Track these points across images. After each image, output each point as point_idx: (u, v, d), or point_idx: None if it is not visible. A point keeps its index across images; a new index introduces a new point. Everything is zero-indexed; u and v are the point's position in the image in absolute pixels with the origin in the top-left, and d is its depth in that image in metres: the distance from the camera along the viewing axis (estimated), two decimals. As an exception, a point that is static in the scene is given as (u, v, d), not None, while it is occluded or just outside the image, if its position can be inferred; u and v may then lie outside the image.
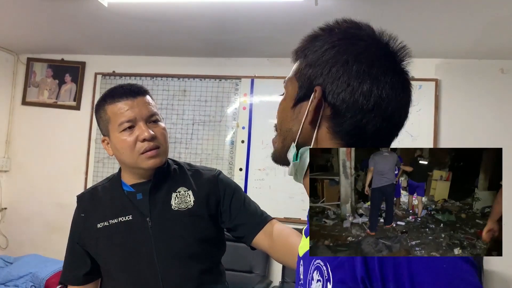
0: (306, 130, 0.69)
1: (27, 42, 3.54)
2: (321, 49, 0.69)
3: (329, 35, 0.70)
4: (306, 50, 0.72)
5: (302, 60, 0.71)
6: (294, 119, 0.70)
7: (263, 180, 3.37)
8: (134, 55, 3.67)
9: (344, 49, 0.67)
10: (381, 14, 2.44)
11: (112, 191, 1.30)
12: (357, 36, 0.69)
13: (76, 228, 1.31)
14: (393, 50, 0.68)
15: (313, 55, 0.70)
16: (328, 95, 0.66)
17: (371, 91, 0.65)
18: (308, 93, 0.68)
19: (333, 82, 0.66)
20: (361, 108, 0.65)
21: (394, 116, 0.67)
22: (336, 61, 0.67)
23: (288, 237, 1.21)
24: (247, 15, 2.58)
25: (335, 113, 0.66)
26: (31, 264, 3.25)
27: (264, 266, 3.24)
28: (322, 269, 0.62)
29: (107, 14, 2.65)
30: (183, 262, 1.21)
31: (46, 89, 3.83)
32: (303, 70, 0.70)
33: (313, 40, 0.72)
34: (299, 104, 0.70)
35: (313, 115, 0.67)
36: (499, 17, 2.39)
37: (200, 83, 3.56)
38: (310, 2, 2.22)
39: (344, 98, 0.65)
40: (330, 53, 0.68)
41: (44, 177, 3.77)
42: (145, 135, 1.19)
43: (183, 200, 1.25)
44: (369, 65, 0.66)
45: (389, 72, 0.67)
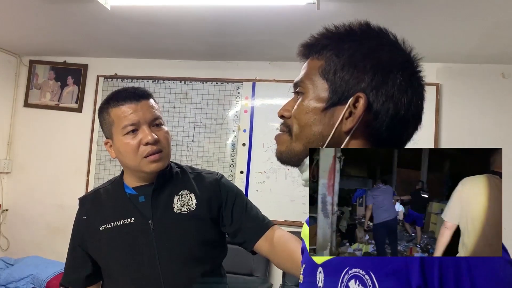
0: (338, 136, 0.67)
1: (30, 44, 3.56)
2: (357, 52, 0.67)
3: (362, 38, 0.69)
4: (333, 49, 0.69)
5: (332, 59, 0.68)
6: (324, 123, 0.68)
7: (264, 183, 3.37)
8: (136, 57, 3.68)
9: (387, 57, 0.67)
10: (383, 18, 2.44)
11: (115, 193, 1.30)
12: (393, 44, 0.70)
13: (78, 230, 1.31)
14: (415, 60, 0.70)
15: (348, 57, 0.67)
16: (372, 104, 0.65)
17: (411, 102, 0.67)
18: (343, 98, 0.66)
19: (378, 91, 0.65)
20: (401, 119, 0.66)
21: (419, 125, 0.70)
22: (379, 69, 0.66)
23: (287, 243, 1.22)
24: (249, 18, 2.59)
25: (375, 122, 0.65)
26: (32, 266, 3.25)
27: (265, 269, 3.24)
28: (363, 278, 0.58)
29: (109, 17, 2.66)
30: (185, 265, 1.22)
31: (48, 91, 3.84)
32: (337, 71, 0.67)
33: (338, 39, 0.70)
34: (332, 108, 0.67)
35: (354, 123, 0.65)
36: (500, 22, 2.39)
37: (201, 86, 3.57)
38: (312, 6, 2.22)
39: (388, 108, 0.65)
40: (371, 59, 0.66)
41: (45, 179, 3.78)
42: (149, 138, 1.19)
43: (185, 203, 1.26)
44: (410, 76, 0.67)
45: (421, 83, 0.69)
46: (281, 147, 0.73)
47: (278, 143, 0.75)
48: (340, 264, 0.63)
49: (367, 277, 0.58)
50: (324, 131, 0.67)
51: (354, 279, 0.60)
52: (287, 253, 1.19)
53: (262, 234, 1.27)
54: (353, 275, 0.60)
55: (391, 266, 0.56)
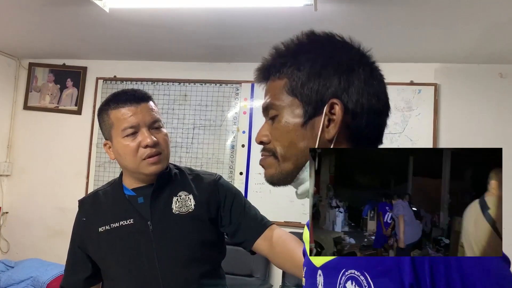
0: (323, 145, 0.67)
1: (29, 47, 3.56)
2: (317, 61, 0.69)
3: (314, 47, 0.70)
4: (292, 65, 0.70)
5: (294, 75, 0.69)
6: (307, 137, 0.68)
7: (263, 184, 3.37)
8: (135, 60, 3.69)
9: (345, 58, 0.69)
10: (380, 19, 2.45)
11: (114, 195, 1.31)
12: (344, 44, 0.71)
13: (78, 232, 1.32)
14: (367, 53, 0.72)
15: (310, 68, 0.68)
16: (347, 105, 0.66)
17: (378, 92, 0.69)
18: (318, 107, 0.67)
19: (348, 91, 0.66)
20: (375, 111, 0.68)
21: None
22: (342, 70, 0.67)
23: (286, 242, 1.22)
24: (247, 20, 2.60)
25: (354, 121, 0.67)
26: (32, 268, 3.25)
27: (264, 270, 3.24)
28: (359, 279, 0.59)
29: (108, 19, 2.67)
30: (184, 266, 1.22)
31: (47, 94, 3.84)
32: (304, 84, 0.68)
33: (293, 54, 0.70)
34: (311, 120, 0.68)
35: (337, 129, 0.66)
36: (498, 22, 2.40)
37: (200, 87, 3.58)
38: (309, 8, 2.23)
39: (362, 104, 0.66)
40: (331, 64, 0.68)
41: (45, 181, 3.78)
42: (148, 141, 1.20)
43: (184, 204, 1.26)
44: (371, 69, 0.70)
45: (380, 72, 0.71)
46: (270, 170, 0.73)
47: (266, 167, 0.74)
48: (336, 266, 0.64)
49: (362, 278, 0.59)
50: (309, 145, 0.68)
51: (351, 280, 0.61)
52: (287, 252, 1.20)
53: (260, 233, 1.27)
54: (349, 277, 0.61)
55: (383, 266, 0.57)
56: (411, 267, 0.54)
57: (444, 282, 0.53)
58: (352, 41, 0.72)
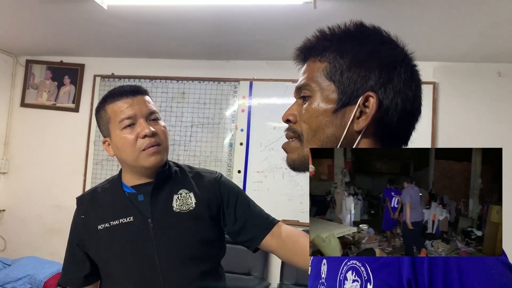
0: (350, 136, 0.67)
1: (26, 44, 3.54)
2: (361, 51, 0.68)
3: (361, 38, 0.70)
4: (335, 50, 0.69)
5: (336, 60, 0.68)
6: (336, 124, 0.67)
7: (261, 182, 3.37)
8: (133, 57, 3.67)
9: (388, 54, 0.68)
10: (379, 17, 2.45)
11: (113, 192, 1.30)
12: (390, 41, 0.71)
13: (76, 230, 1.31)
14: (411, 55, 0.72)
15: (352, 57, 0.68)
16: (382, 101, 0.66)
17: (415, 96, 0.69)
18: (353, 98, 0.66)
19: (386, 87, 0.66)
20: (408, 113, 0.68)
21: None
22: (383, 66, 0.67)
23: (298, 238, 1.24)
24: (246, 18, 2.59)
25: (385, 118, 0.66)
26: (29, 266, 3.24)
27: (263, 268, 3.24)
28: (359, 269, 0.60)
29: (106, 16, 2.66)
30: (184, 264, 1.22)
31: (45, 91, 3.83)
32: (344, 72, 0.67)
33: (339, 40, 0.70)
34: (343, 109, 0.67)
35: (367, 122, 0.65)
36: (496, 21, 2.40)
37: (199, 85, 3.57)
38: (309, 6, 2.22)
39: (397, 103, 0.66)
40: (375, 57, 0.67)
41: (42, 179, 3.76)
42: (146, 131, 1.19)
43: (185, 202, 1.26)
44: (412, 71, 0.69)
45: (419, 77, 0.71)
46: (292, 155, 0.72)
47: (288, 151, 0.73)
48: (339, 256, 0.65)
49: (363, 269, 0.60)
50: (336, 133, 0.67)
51: (351, 270, 0.62)
52: (298, 248, 1.21)
53: (269, 230, 1.28)
54: (350, 267, 0.62)
55: (384, 259, 0.58)
56: (411, 263, 0.55)
57: (441, 280, 0.53)
58: (398, 40, 0.72)
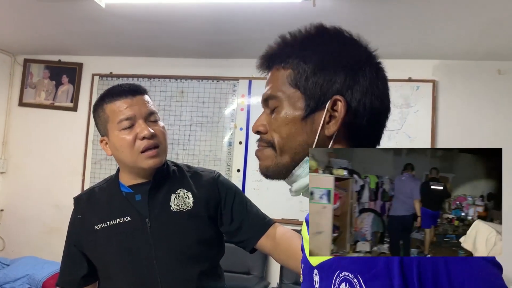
0: (322, 141, 0.66)
1: (24, 43, 3.53)
2: (324, 55, 0.67)
3: (323, 41, 0.69)
4: (298, 56, 0.68)
5: (300, 66, 0.68)
6: (307, 131, 0.67)
7: (260, 181, 3.36)
8: (132, 56, 3.66)
9: (352, 55, 0.68)
10: (379, 15, 2.44)
11: (110, 192, 1.29)
12: (353, 41, 0.70)
13: (74, 230, 1.30)
14: (374, 53, 0.71)
15: (316, 62, 0.67)
16: (350, 103, 0.65)
17: (382, 94, 0.68)
18: (321, 103, 0.66)
19: (353, 89, 0.65)
20: (377, 112, 0.67)
21: None
22: (348, 68, 0.66)
23: (291, 240, 1.22)
24: (244, 16, 2.58)
25: (355, 120, 0.66)
26: (28, 266, 3.23)
27: (262, 268, 3.23)
28: (352, 281, 0.60)
29: (104, 15, 2.64)
30: (182, 264, 1.21)
31: (43, 90, 3.81)
32: (309, 77, 0.67)
33: (301, 45, 0.69)
34: (312, 115, 0.66)
35: (337, 126, 0.65)
36: (496, 19, 2.39)
37: (197, 84, 3.56)
38: (308, 3, 2.21)
39: (364, 104, 0.65)
40: (339, 60, 0.67)
41: (41, 178, 3.75)
42: (145, 133, 1.18)
43: (182, 201, 1.25)
44: (377, 69, 0.69)
45: (385, 75, 0.70)
46: (266, 162, 0.72)
47: (261, 158, 0.73)
48: (331, 267, 0.64)
49: (356, 280, 0.59)
50: (308, 139, 0.67)
51: (345, 282, 0.61)
52: (292, 250, 1.19)
53: (264, 231, 1.26)
54: (343, 278, 0.61)
55: (375, 270, 0.57)
56: (399, 269, 0.55)
57: (431, 282, 0.53)
58: (360, 39, 0.71)
